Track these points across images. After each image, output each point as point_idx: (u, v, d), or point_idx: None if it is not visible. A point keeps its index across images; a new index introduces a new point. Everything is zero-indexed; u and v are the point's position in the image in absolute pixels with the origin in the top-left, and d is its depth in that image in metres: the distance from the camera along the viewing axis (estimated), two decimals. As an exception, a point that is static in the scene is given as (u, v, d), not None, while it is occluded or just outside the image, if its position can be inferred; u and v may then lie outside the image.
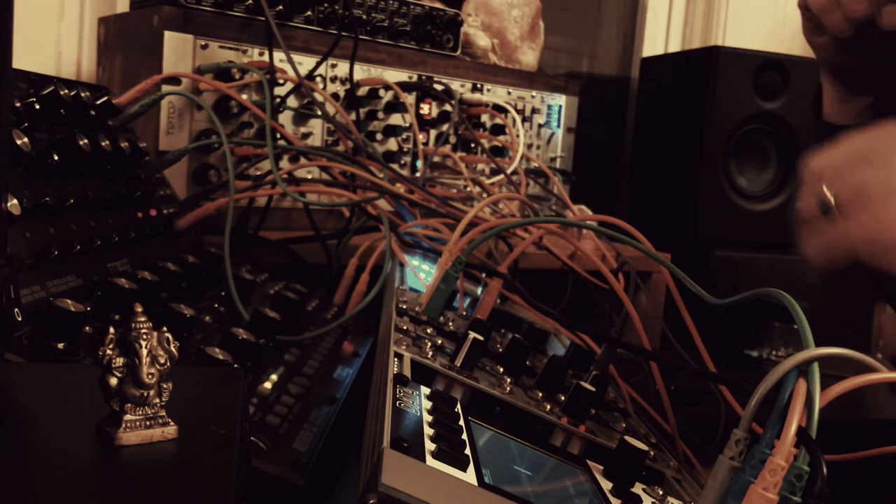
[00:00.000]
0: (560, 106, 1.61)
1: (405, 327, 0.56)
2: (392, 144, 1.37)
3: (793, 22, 2.34)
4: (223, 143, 0.98)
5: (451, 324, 0.65)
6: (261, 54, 1.19)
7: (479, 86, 1.48)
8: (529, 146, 1.57)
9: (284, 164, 1.19)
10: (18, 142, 0.62)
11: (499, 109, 1.50)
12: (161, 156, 1.03)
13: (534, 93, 1.57)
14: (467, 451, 0.36)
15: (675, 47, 2.22)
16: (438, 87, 1.40)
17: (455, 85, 1.44)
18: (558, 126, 1.62)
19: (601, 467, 0.47)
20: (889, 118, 0.56)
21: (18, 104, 0.70)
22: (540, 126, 1.59)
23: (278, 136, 1.14)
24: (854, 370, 0.38)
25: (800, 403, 0.37)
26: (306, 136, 1.25)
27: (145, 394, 0.38)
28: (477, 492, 0.34)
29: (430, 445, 0.36)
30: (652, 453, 0.52)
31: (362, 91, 1.32)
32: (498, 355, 0.59)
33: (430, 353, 0.51)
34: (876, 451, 0.48)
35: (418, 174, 1.33)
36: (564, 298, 1.08)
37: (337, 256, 1.09)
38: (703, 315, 0.70)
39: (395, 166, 1.33)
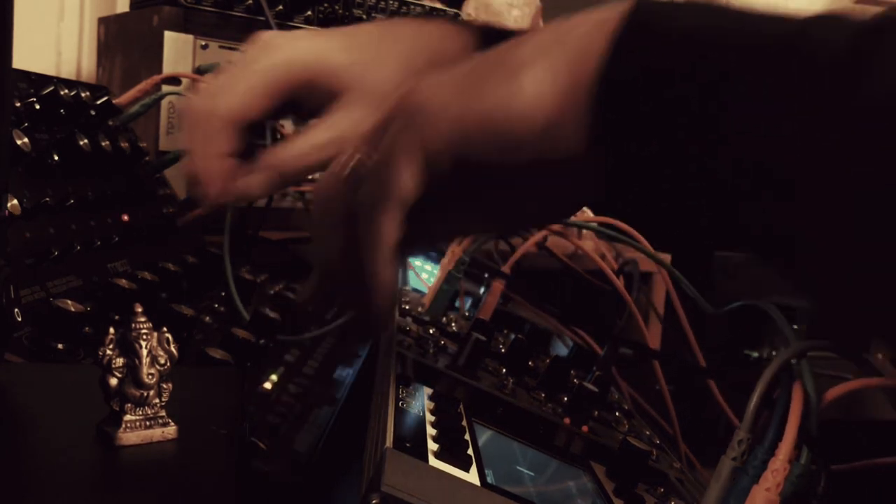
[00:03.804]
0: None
1: (408, 328, 0.56)
2: (392, 145, 1.37)
3: (793, 22, 2.34)
4: (223, 143, 0.97)
5: (453, 324, 0.65)
6: (261, 54, 1.19)
7: (479, 86, 1.48)
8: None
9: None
10: (18, 142, 0.62)
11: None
12: (161, 156, 1.03)
13: (534, 93, 1.57)
14: (470, 451, 0.36)
15: (675, 48, 2.23)
16: (439, 88, 1.39)
17: (455, 85, 1.43)
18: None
19: (603, 468, 0.47)
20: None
21: (18, 104, 0.70)
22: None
23: (278, 136, 1.14)
24: (849, 368, 0.38)
25: (798, 403, 0.36)
26: (306, 136, 1.25)
27: (145, 394, 0.38)
28: (480, 492, 0.34)
29: (432, 445, 0.35)
30: (654, 454, 0.51)
31: (363, 91, 1.31)
32: (500, 356, 0.59)
33: (433, 353, 0.51)
34: (884, 461, 0.48)
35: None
36: (566, 299, 1.08)
37: (337, 257, 1.08)
38: (704, 315, 0.70)
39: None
